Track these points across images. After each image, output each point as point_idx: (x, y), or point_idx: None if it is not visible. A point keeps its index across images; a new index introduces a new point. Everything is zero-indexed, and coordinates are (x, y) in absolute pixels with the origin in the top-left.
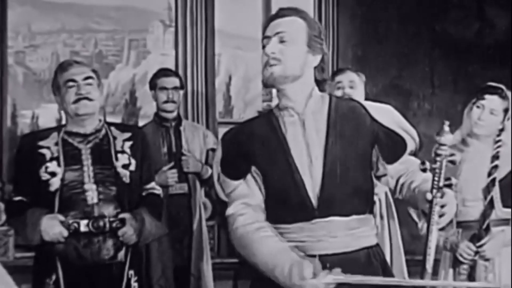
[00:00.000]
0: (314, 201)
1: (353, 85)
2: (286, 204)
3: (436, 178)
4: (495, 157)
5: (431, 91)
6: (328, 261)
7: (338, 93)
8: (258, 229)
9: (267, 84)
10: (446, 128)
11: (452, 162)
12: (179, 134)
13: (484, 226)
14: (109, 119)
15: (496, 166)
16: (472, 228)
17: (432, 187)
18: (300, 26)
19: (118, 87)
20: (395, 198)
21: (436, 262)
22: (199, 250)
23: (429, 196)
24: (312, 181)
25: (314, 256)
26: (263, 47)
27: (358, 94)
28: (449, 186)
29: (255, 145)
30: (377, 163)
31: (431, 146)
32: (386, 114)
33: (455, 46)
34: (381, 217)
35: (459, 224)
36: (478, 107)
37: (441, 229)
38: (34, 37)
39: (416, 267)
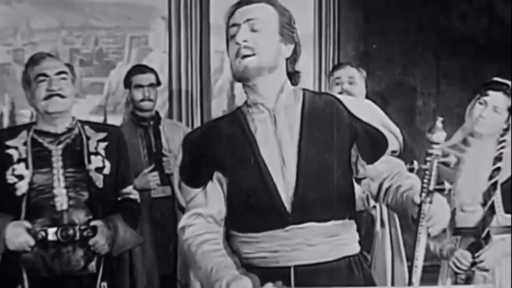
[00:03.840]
0: (287, 206)
1: (353, 81)
2: (256, 211)
3: (425, 181)
4: (498, 158)
5: (437, 88)
6: (304, 272)
7: (337, 89)
8: (203, 242)
9: (241, 78)
10: (439, 124)
11: (446, 164)
12: (159, 133)
13: (484, 234)
14: (110, 118)
15: (498, 169)
16: (471, 235)
17: (422, 191)
18: (271, 13)
19: (119, 85)
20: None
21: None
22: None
23: (417, 199)
24: (285, 184)
25: (288, 267)
26: (232, 36)
27: (358, 90)
28: (441, 191)
29: (220, 148)
30: (356, 163)
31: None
32: (366, 110)
33: (463, 42)
34: (382, 222)
35: (457, 231)
36: (480, 103)
37: (434, 237)
38: (33, 34)
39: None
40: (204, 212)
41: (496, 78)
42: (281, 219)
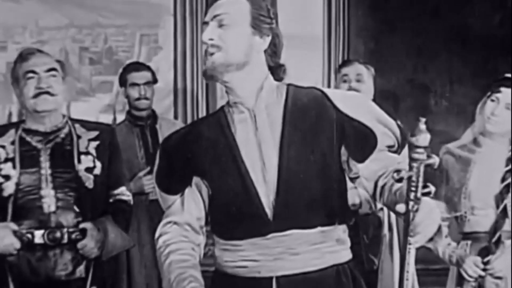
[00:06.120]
0: (269, 212)
1: (361, 78)
2: (237, 217)
3: (413, 188)
4: (511, 159)
5: (449, 86)
6: (288, 283)
7: (344, 86)
8: (172, 252)
9: (208, 76)
10: (422, 126)
11: (430, 166)
12: (156, 133)
13: (495, 239)
14: (119, 117)
15: (511, 170)
16: (483, 240)
17: (409, 199)
18: (242, 5)
19: None
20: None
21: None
22: None
23: (401, 208)
24: (266, 188)
25: (270, 278)
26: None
27: (366, 88)
28: (427, 194)
29: (200, 151)
30: (348, 162)
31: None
32: (356, 104)
33: (475, 38)
34: (390, 225)
35: (468, 235)
36: (492, 100)
37: (430, 240)
38: (42, 32)
39: (429, 277)
40: (179, 220)
41: (508, 74)
42: (263, 226)
